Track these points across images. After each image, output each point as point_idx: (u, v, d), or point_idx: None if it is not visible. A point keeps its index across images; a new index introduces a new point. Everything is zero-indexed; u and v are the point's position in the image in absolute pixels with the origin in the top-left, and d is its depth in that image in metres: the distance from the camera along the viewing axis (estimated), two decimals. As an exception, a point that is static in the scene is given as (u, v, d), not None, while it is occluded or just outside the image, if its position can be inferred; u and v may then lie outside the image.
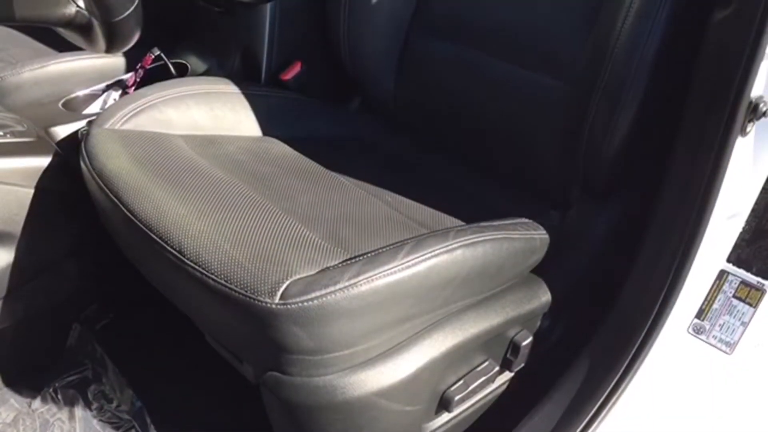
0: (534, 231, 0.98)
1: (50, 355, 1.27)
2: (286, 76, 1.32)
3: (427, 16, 1.24)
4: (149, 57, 1.29)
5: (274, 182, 1.03)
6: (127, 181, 0.94)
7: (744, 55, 0.75)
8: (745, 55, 0.75)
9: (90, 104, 1.29)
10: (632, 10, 0.94)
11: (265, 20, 1.28)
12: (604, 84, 0.98)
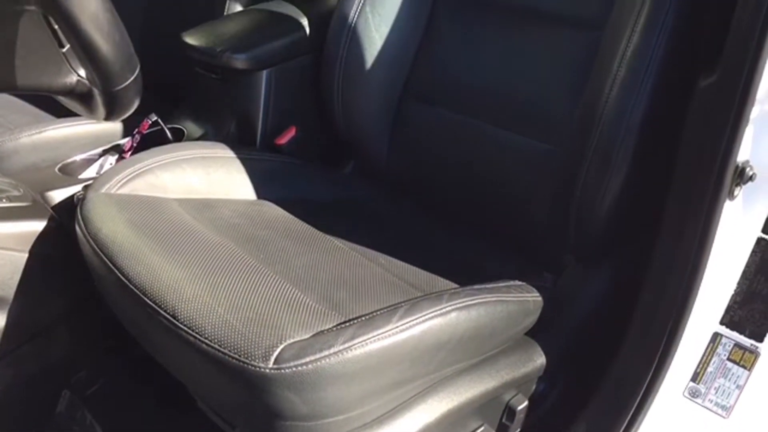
0: (527, 293, 0.98)
1: (39, 422, 1.24)
2: (281, 141, 1.34)
3: (420, 82, 1.27)
4: (146, 122, 1.31)
5: (268, 245, 1.03)
6: (122, 245, 0.94)
7: (729, 121, 0.77)
8: (730, 121, 0.77)
9: (86, 169, 1.30)
10: (618, 77, 0.97)
11: (260, 87, 1.31)
12: (594, 148, 1.00)
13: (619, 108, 0.96)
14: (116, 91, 0.70)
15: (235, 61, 1.28)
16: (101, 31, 0.63)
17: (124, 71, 0.69)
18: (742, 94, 0.76)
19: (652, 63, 0.94)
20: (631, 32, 0.96)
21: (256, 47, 1.30)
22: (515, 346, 1.02)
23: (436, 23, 1.27)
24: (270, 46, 1.32)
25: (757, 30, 0.77)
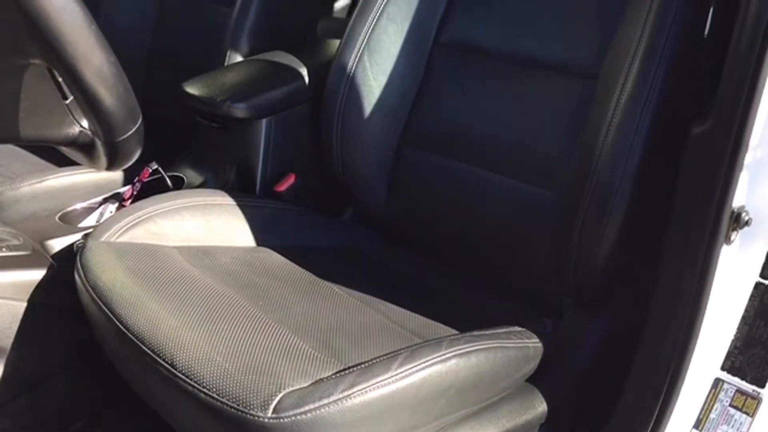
0: (528, 339, 0.98)
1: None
2: (280, 188, 1.35)
3: (418, 130, 1.29)
4: (147, 171, 1.32)
5: (267, 293, 1.03)
6: (121, 293, 0.94)
7: (723, 168, 0.78)
8: (724, 167, 0.78)
9: (87, 217, 1.30)
10: (613, 124, 0.98)
11: (260, 135, 1.33)
12: (590, 194, 1.01)
13: (615, 155, 0.97)
14: (118, 141, 0.71)
15: (235, 110, 1.30)
16: (105, 83, 0.64)
17: (126, 122, 0.70)
18: (735, 141, 0.77)
19: (646, 111, 0.95)
20: (624, 81, 0.98)
21: (256, 96, 1.32)
22: (516, 393, 1.01)
23: (433, 71, 1.29)
24: (269, 95, 1.34)
25: (748, 78, 0.78)
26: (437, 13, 1.28)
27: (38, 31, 0.59)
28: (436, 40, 1.28)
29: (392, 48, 1.28)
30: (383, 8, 1.27)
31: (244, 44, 1.46)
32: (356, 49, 1.28)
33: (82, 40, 0.61)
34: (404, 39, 1.28)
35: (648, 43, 0.96)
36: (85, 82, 0.63)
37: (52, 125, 0.75)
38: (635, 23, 1.00)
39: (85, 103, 0.66)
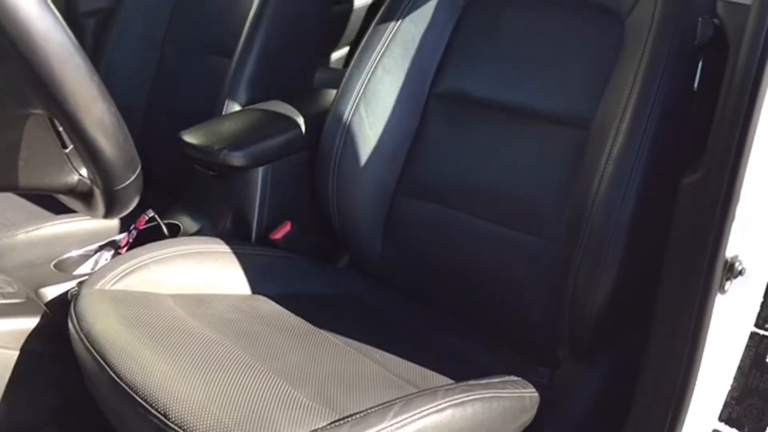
0: (524, 389, 0.97)
1: None
2: (276, 236, 1.35)
3: (413, 178, 1.30)
4: (143, 218, 1.32)
5: (262, 341, 1.02)
6: (115, 341, 0.93)
7: (715, 218, 0.79)
8: (717, 217, 0.79)
9: (82, 265, 1.30)
10: (606, 174, 0.99)
11: (256, 184, 1.33)
12: (584, 244, 1.01)
13: (608, 205, 0.98)
14: (117, 190, 0.71)
15: (233, 159, 1.31)
16: (105, 133, 0.65)
17: (125, 171, 0.70)
18: (727, 191, 0.78)
19: (638, 161, 0.97)
20: (616, 132, 1.00)
21: (253, 145, 1.33)
22: (513, 444, 1.00)
23: (428, 121, 1.31)
24: (266, 144, 1.35)
25: (738, 129, 0.80)
26: (432, 64, 1.30)
27: (42, 82, 0.60)
28: (432, 90, 1.30)
29: (388, 98, 1.30)
30: (379, 60, 1.29)
31: (242, 94, 1.48)
32: (353, 99, 1.30)
33: (84, 91, 0.62)
34: (400, 89, 1.30)
35: (639, 95, 0.98)
36: (85, 131, 0.64)
37: (51, 174, 0.76)
38: (626, 75, 1.02)
39: (85, 152, 0.67)
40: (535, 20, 1.21)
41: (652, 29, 0.99)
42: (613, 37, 1.09)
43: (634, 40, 1.03)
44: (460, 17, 1.29)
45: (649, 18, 1.01)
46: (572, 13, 1.16)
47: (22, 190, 0.76)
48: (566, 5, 1.16)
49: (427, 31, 1.29)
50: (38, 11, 0.58)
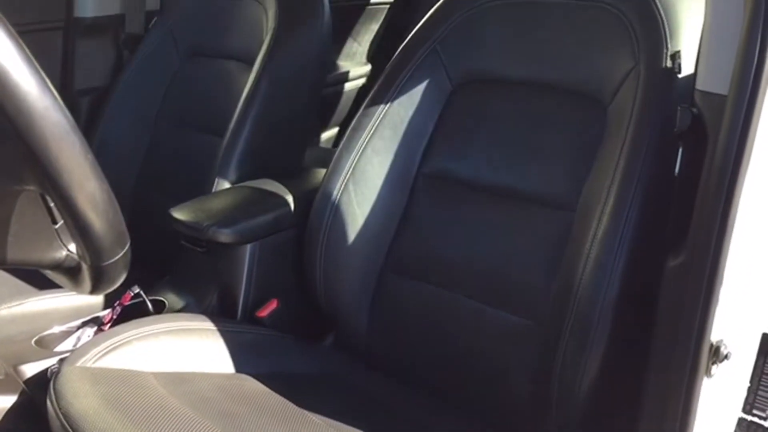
0: (511, 475, 0.95)
1: None
2: (261, 313, 1.34)
3: (400, 257, 1.31)
4: (128, 294, 1.31)
5: (243, 422, 1.00)
6: (94, 421, 0.91)
7: (700, 302, 0.79)
8: (701, 301, 0.79)
9: (63, 341, 1.28)
10: (591, 256, 1.00)
11: (244, 261, 1.34)
12: (571, 325, 1.01)
13: (594, 287, 0.99)
14: (105, 265, 0.71)
15: (221, 235, 1.31)
16: (96, 209, 0.66)
17: (114, 247, 0.71)
18: (710, 274, 0.79)
19: (622, 244, 0.98)
20: (600, 215, 1.02)
21: (242, 222, 1.34)
22: None
23: (416, 200, 1.32)
24: (255, 221, 1.36)
25: (719, 214, 0.81)
26: (420, 145, 1.33)
27: (37, 159, 0.61)
28: (420, 170, 1.33)
29: (377, 178, 1.32)
30: (369, 140, 1.32)
31: (232, 172, 1.50)
32: (342, 179, 1.32)
33: (78, 168, 0.63)
34: (388, 169, 1.32)
35: (621, 179, 1.01)
36: (77, 207, 0.65)
37: (39, 249, 0.76)
38: (609, 161, 1.05)
39: (75, 228, 0.67)
40: (520, 105, 1.24)
41: (632, 117, 1.02)
42: (596, 122, 1.12)
43: (616, 126, 1.07)
44: (447, 101, 1.32)
45: (629, 106, 1.04)
46: (556, 99, 1.20)
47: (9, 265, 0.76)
48: (550, 92, 1.20)
49: (415, 113, 1.32)
50: (38, 91, 0.60)
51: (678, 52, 1.02)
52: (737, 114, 0.78)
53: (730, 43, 0.82)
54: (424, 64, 1.31)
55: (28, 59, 0.60)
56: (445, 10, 1.32)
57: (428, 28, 1.33)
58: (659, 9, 1.07)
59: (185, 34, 1.78)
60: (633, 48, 1.08)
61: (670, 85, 1.02)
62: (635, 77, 1.06)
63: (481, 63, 1.28)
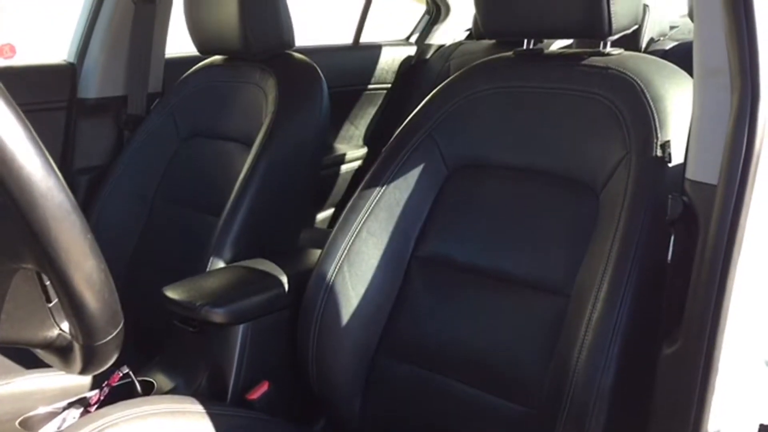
0: None
1: None
2: (252, 396, 1.32)
3: (394, 340, 1.30)
4: (117, 375, 1.29)
5: None
6: None
7: (696, 391, 0.79)
8: (697, 390, 0.79)
9: (48, 423, 1.25)
10: (586, 343, 1.00)
11: (236, 341, 1.32)
12: (566, 412, 1.00)
13: (589, 373, 0.98)
14: (97, 345, 0.70)
15: (213, 315, 1.31)
16: (92, 288, 0.66)
17: (107, 326, 0.70)
18: (705, 363, 0.79)
19: (617, 331, 0.98)
20: (594, 301, 1.02)
21: (235, 302, 1.34)
22: None
23: (410, 283, 1.32)
24: (248, 301, 1.35)
25: (713, 301, 0.82)
26: (415, 228, 1.34)
27: (36, 238, 0.61)
28: (414, 253, 1.33)
29: (371, 260, 1.32)
30: (364, 222, 1.33)
31: (227, 251, 1.50)
32: (336, 260, 1.32)
33: (76, 248, 0.63)
34: (383, 252, 1.33)
35: (615, 266, 1.01)
36: (73, 286, 0.65)
37: (31, 328, 0.75)
38: (602, 247, 1.06)
39: (69, 307, 0.67)
40: (515, 190, 1.26)
41: (625, 204, 1.04)
42: (589, 208, 1.14)
43: (608, 212, 1.08)
44: (443, 185, 1.34)
45: (622, 193, 1.06)
46: (550, 185, 1.22)
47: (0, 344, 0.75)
48: (544, 178, 1.23)
49: (411, 196, 1.34)
50: (42, 171, 0.61)
51: (668, 141, 1.05)
52: (727, 205, 0.80)
53: (717, 135, 0.85)
54: (420, 149, 1.34)
55: (34, 140, 0.61)
56: (442, 97, 1.36)
57: (425, 113, 1.36)
58: (648, 100, 1.10)
59: (186, 115, 1.82)
60: (624, 137, 1.10)
61: (660, 173, 1.04)
62: (627, 165, 1.08)
63: (476, 149, 1.31)
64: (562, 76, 1.22)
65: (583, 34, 1.23)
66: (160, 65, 1.99)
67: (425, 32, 2.88)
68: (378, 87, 2.69)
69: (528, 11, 1.21)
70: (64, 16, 2.16)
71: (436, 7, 2.85)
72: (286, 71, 1.68)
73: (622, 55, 1.21)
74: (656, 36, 2.40)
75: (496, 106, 1.29)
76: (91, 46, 1.90)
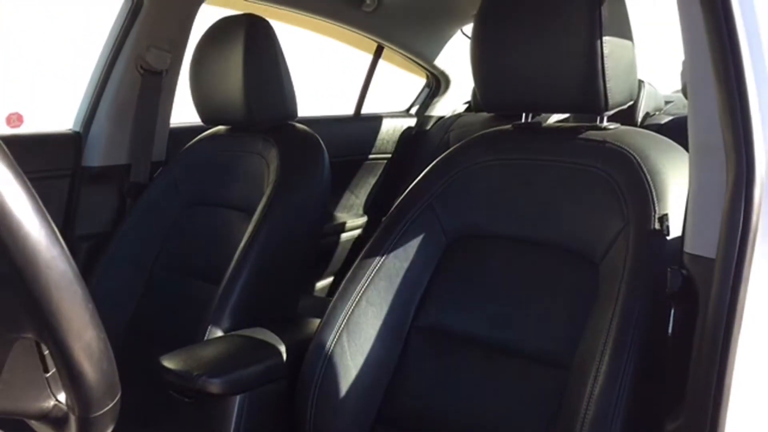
0: None
1: None
2: (247, 469, 1.29)
3: (393, 410, 1.28)
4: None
5: None
6: None
7: (700, 469, 0.77)
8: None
9: (38, 495, 1.22)
10: (587, 417, 0.98)
11: (232, 412, 1.30)
12: (569, 489, 0.98)
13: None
14: (93, 417, 0.69)
15: (210, 386, 1.29)
16: (91, 359, 0.65)
17: (105, 398, 0.69)
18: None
19: (618, 405, 0.97)
20: (595, 374, 1.01)
21: (232, 372, 1.32)
22: None
23: (409, 353, 1.31)
24: (246, 372, 1.34)
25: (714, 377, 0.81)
26: (415, 298, 1.34)
27: (38, 308, 0.61)
28: (414, 323, 1.33)
29: (370, 330, 1.32)
30: (364, 291, 1.33)
31: (226, 320, 1.50)
32: (335, 330, 1.31)
33: (77, 318, 0.63)
34: (382, 321, 1.32)
35: (615, 339, 1.01)
36: (72, 357, 0.64)
37: (27, 398, 0.74)
38: (603, 319, 1.05)
39: (67, 378, 0.66)
40: (514, 261, 1.27)
41: (624, 276, 1.04)
42: (588, 280, 1.14)
43: (608, 285, 1.08)
44: (443, 255, 1.35)
45: (621, 265, 1.06)
46: (549, 256, 1.22)
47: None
48: (543, 249, 1.23)
49: (411, 266, 1.34)
50: (47, 241, 0.61)
51: (665, 215, 1.06)
52: (726, 279, 0.80)
53: (714, 209, 0.86)
54: (419, 219, 1.35)
55: (40, 210, 0.62)
56: (441, 168, 1.38)
57: (424, 184, 1.38)
58: (645, 173, 1.12)
59: (188, 184, 1.84)
60: (622, 209, 1.12)
61: (659, 246, 1.05)
62: (625, 237, 1.09)
63: (475, 219, 1.32)
64: (560, 149, 1.25)
65: (579, 110, 1.26)
66: (164, 134, 2.03)
67: (425, 104, 2.94)
68: (378, 157, 2.73)
69: (526, 86, 1.25)
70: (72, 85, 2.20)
71: (435, 80, 2.92)
72: (289, 141, 1.71)
73: (618, 129, 1.24)
74: (652, 110, 2.45)
75: (495, 177, 1.31)
76: (97, 115, 1.93)
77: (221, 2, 2.07)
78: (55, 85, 4.39)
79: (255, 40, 1.68)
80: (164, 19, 1.92)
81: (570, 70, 1.17)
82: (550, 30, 1.19)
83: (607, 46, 1.14)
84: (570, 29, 1.16)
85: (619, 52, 1.17)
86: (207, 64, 1.74)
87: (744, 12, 0.84)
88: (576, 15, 1.16)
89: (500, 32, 1.26)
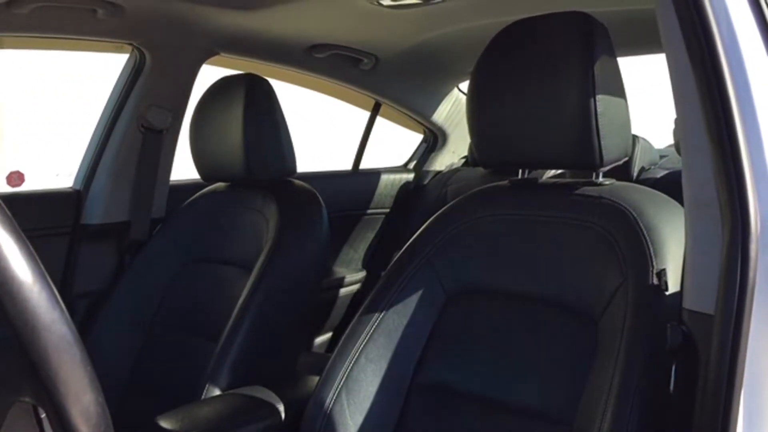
0: None
1: None
2: None
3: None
4: None
5: None
6: None
7: None
8: None
9: None
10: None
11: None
12: None
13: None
14: None
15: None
16: (89, 423, 0.65)
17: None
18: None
19: (623, 465, 0.95)
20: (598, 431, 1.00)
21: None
22: None
23: (410, 410, 1.30)
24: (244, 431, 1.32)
25: None
26: (415, 354, 1.33)
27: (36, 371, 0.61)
28: (413, 380, 1.32)
29: (370, 387, 1.30)
30: (363, 348, 1.32)
31: (224, 378, 1.48)
32: (334, 387, 1.30)
33: (76, 381, 0.63)
34: (382, 378, 1.31)
35: (617, 395, 1.00)
36: (69, 420, 0.64)
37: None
38: (603, 377, 1.04)
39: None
40: (514, 317, 1.26)
41: (624, 333, 1.04)
42: (588, 336, 1.14)
43: (608, 341, 1.08)
44: (442, 311, 1.34)
45: (620, 322, 1.06)
46: (548, 312, 1.22)
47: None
48: (542, 305, 1.23)
49: (410, 323, 1.34)
50: (47, 304, 0.61)
51: (663, 270, 1.06)
52: (725, 335, 0.80)
53: (712, 265, 0.86)
54: (418, 275, 1.35)
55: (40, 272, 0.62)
56: (439, 224, 1.39)
57: (423, 240, 1.38)
58: (642, 229, 1.12)
59: (187, 240, 1.84)
60: (620, 265, 1.12)
61: (658, 302, 1.05)
62: (624, 293, 1.09)
63: (474, 275, 1.32)
64: (557, 204, 1.26)
65: (575, 166, 1.27)
66: (164, 192, 2.04)
67: (423, 159, 2.97)
68: (377, 212, 2.74)
69: (522, 143, 1.26)
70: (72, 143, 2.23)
71: (433, 135, 2.95)
72: (288, 197, 1.73)
73: (614, 185, 1.25)
74: (647, 165, 2.48)
75: (492, 233, 1.32)
76: (98, 172, 1.95)
77: (222, 62, 2.11)
78: (57, 143, 4.43)
79: (255, 98, 1.71)
80: (166, 78, 1.96)
81: (565, 127, 1.19)
82: (545, 88, 1.21)
83: (600, 104, 1.16)
84: (564, 88, 1.18)
85: (613, 110, 1.19)
86: (208, 122, 1.76)
87: (732, 66, 0.86)
88: (570, 74, 1.18)
89: (496, 89, 1.28)
